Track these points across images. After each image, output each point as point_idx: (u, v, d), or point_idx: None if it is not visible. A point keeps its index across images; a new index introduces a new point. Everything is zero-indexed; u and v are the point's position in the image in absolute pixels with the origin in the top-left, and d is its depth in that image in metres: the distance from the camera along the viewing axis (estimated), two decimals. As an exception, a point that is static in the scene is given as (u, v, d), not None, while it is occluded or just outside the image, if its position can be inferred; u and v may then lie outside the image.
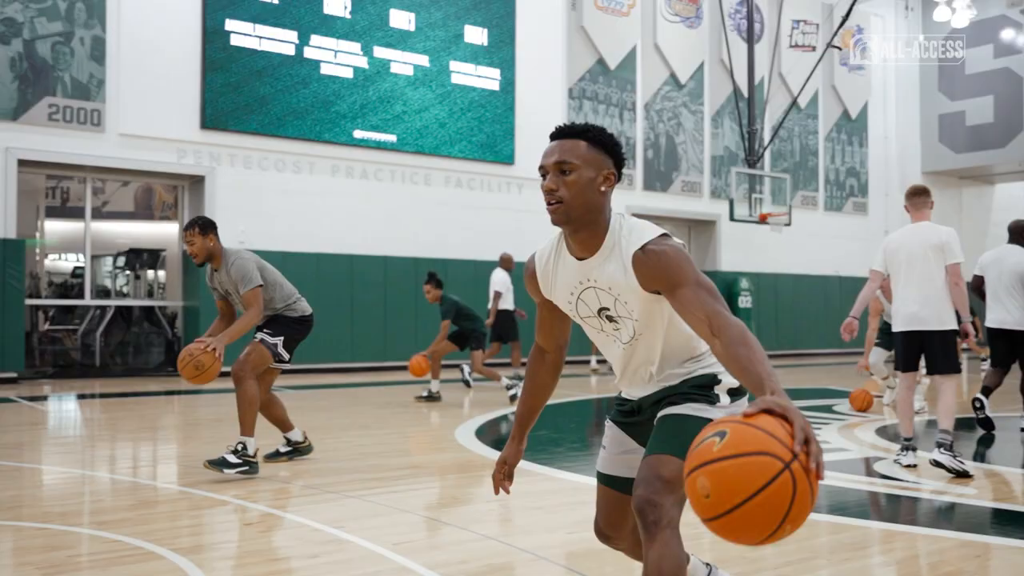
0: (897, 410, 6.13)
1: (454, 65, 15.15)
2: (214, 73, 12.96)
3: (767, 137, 19.00)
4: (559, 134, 2.34)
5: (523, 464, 6.21)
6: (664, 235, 2.30)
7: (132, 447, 7.20)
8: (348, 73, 14.08)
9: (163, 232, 16.72)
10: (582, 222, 2.29)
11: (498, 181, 15.83)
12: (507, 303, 11.36)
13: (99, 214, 16.06)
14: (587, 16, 16.84)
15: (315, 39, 13.79)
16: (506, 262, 11.65)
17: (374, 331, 14.19)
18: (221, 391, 11.28)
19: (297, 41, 13.65)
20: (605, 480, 2.61)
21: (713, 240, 19.05)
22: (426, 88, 14.86)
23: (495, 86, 15.60)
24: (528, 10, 16.08)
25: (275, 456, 6.04)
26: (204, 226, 5.59)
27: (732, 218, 17.53)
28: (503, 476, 2.67)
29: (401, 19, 14.60)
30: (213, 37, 12.97)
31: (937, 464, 5.55)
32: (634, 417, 2.57)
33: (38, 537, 4.14)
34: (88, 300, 14.10)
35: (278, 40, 13.49)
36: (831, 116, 21.11)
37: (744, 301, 18.77)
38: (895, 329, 5.89)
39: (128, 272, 15.50)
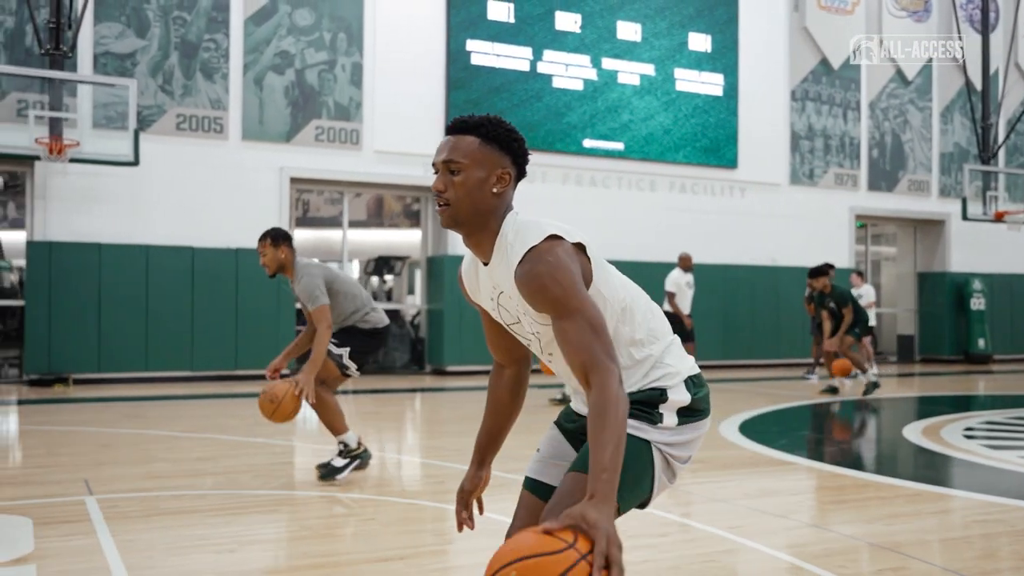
0: None
1: (678, 72, 15.46)
2: (456, 91, 13.87)
3: (1003, 132, 18.17)
4: (451, 128, 2.14)
5: (819, 464, 6.49)
6: (550, 238, 2.02)
7: (429, 436, 7.98)
8: (578, 85, 14.68)
9: (401, 239, 17.98)
10: (472, 226, 2.11)
11: (721, 185, 16.01)
12: (682, 304, 11.79)
13: (335, 223, 17.42)
14: (810, 17, 16.72)
15: (548, 54, 14.48)
16: (684, 261, 11.99)
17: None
18: (462, 389, 12.12)
19: (531, 57, 14.38)
20: (531, 486, 2.33)
21: (942, 240, 18.40)
22: (652, 96, 15.25)
23: (718, 91, 15.79)
24: (751, 14, 16.17)
25: None
26: (276, 238, 5.45)
27: (965, 217, 16.93)
28: (463, 508, 2.40)
29: (628, 30, 15.07)
30: (456, 57, 13.89)
31: None
32: (583, 433, 2.28)
33: (411, 511, 4.85)
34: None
35: (514, 57, 14.27)
36: (1073, 106, 19.87)
37: (976, 303, 18.03)
38: None
39: (376, 277, 16.77)
